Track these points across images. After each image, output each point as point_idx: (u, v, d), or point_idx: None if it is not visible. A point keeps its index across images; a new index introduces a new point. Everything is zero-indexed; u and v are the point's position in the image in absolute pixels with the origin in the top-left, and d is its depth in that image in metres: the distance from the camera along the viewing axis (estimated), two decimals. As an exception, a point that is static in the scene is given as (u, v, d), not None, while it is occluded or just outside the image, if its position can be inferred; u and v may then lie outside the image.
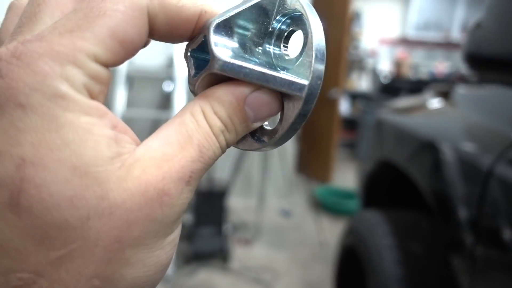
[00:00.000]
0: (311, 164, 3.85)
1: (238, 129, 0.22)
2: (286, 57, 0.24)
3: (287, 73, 0.22)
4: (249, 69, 0.21)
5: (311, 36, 0.21)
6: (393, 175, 1.60)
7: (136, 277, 0.19)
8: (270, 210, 3.28)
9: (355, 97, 5.48)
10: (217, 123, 0.21)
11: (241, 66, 0.21)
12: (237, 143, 0.24)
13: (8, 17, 0.23)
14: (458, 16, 5.94)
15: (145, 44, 0.21)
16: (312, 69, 0.21)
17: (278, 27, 0.24)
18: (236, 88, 0.21)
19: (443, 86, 1.89)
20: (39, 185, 0.17)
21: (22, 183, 0.17)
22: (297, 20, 0.23)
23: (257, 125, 0.23)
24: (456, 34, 5.98)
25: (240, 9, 0.22)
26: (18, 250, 0.17)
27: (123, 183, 0.18)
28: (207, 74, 0.22)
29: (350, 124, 5.17)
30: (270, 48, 0.24)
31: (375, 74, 5.71)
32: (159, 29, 0.21)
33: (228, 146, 0.22)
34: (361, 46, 6.00)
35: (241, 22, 0.22)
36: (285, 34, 0.24)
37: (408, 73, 5.65)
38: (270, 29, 0.24)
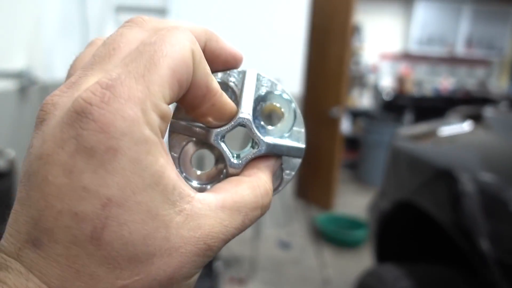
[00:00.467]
0: (312, 188, 3.56)
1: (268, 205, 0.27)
2: (269, 128, 0.28)
3: (292, 141, 0.28)
4: (283, 145, 0.28)
5: (296, 111, 0.28)
6: (415, 219, 1.33)
7: None
8: (267, 241, 2.98)
9: (356, 115, 5.20)
10: (268, 198, 0.26)
11: (279, 145, 0.28)
12: None
13: (87, 51, 0.25)
14: (462, 31, 5.73)
15: None
16: (303, 135, 0.29)
17: (260, 107, 0.28)
18: (270, 162, 0.28)
19: (470, 109, 1.65)
20: (122, 224, 0.19)
21: (106, 220, 0.19)
22: (276, 98, 0.29)
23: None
24: (461, 48, 5.76)
25: (253, 91, 0.27)
26: (91, 276, 0.19)
27: (180, 230, 0.21)
28: (256, 156, 0.27)
29: (352, 143, 4.89)
30: (262, 124, 0.28)
31: (377, 90, 5.46)
32: (190, 91, 0.23)
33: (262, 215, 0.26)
34: (362, 62, 5.78)
35: (254, 105, 0.28)
36: (262, 111, 0.29)
37: (411, 89, 5.41)
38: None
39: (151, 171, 0.20)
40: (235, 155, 0.27)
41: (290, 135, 0.28)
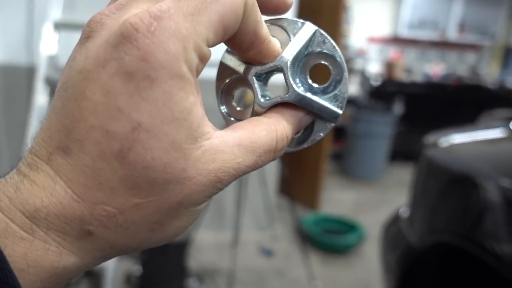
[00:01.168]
0: (297, 184, 3.23)
1: (283, 149, 0.27)
2: (314, 86, 0.28)
3: (329, 103, 0.28)
4: (315, 102, 0.27)
5: (346, 78, 0.28)
6: (459, 267, 0.99)
7: (179, 225, 0.25)
8: (247, 248, 2.65)
9: (348, 102, 4.88)
10: (278, 146, 0.26)
11: (310, 99, 0.27)
12: None
13: None
14: (454, 14, 5.44)
15: None
16: (344, 102, 0.28)
17: (310, 62, 0.28)
18: (297, 113, 0.28)
19: (505, 112, 1.34)
20: (147, 149, 0.21)
21: (134, 143, 0.21)
22: (329, 59, 0.28)
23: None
24: (453, 33, 5.48)
25: (300, 45, 0.27)
26: (112, 189, 0.21)
27: (197, 163, 0.22)
28: (281, 101, 0.27)
29: (336, 132, 4.56)
30: (306, 78, 0.28)
31: (364, 76, 5.13)
32: (238, 37, 0.25)
33: (275, 159, 0.27)
34: (349, 45, 5.44)
35: (300, 54, 0.28)
36: (311, 67, 0.29)
37: (401, 75, 5.10)
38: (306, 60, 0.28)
39: (181, 106, 0.21)
40: (265, 95, 0.28)
41: (331, 98, 0.28)
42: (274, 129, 0.26)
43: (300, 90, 0.27)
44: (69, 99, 0.21)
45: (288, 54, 0.27)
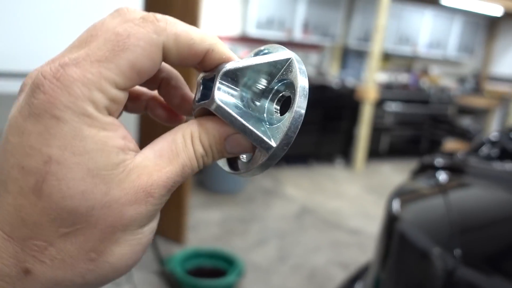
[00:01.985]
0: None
1: (215, 156, 0.28)
2: (275, 115, 0.28)
3: (264, 131, 0.27)
4: (235, 118, 0.26)
5: (293, 112, 0.26)
6: None
7: (123, 253, 0.25)
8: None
9: (196, 107, 4.43)
10: (200, 149, 0.27)
11: (230, 114, 0.26)
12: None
13: (107, 20, 0.26)
14: (299, 15, 5.47)
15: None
16: (282, 137, 0.26)
17: (276, 88, 0.28)
18: (221, 127, 0.27)
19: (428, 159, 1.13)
20: (60, 179, 0.22)
21: (47, 175, 0.22)
22: (291, 90, 0.27)
23: (230, 155, 0.28)
24: (298, 33, 5.51)
25: (252, 63, 0.27)
26: (35, 224, 0.23)
27: (122, 184, 0.24)
28: (203, 107, 0.27)
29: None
30: (266, 103, 0.28)
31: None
32: (171, 59, 0.26)
33: (205, 166, 0.28)
34: (198, 44, 5.02)
35: (249, 74, 0.27)
36: (279, 96, 0.29)
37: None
38: (270, 86, 0.28)
39: (93, 140, 0.23)
40: (199, 100, 0.28)
41: (274, 128, 0.27)
42: (189, 131, 0.27)
43: (222, 97, 0.27)
44: None
45: (228, 65, 0.27)
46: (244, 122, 0.26)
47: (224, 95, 0.27)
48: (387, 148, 5.96)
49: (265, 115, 0.28)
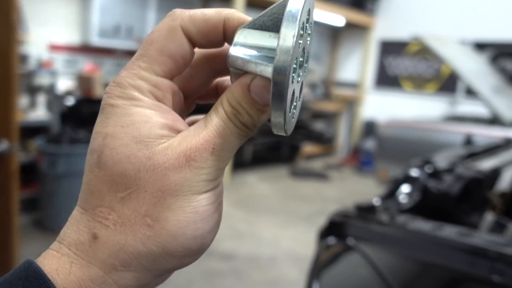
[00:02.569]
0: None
1: (251, 112, 0.29)
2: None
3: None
4: (243, 60, 0.28)
5: (279, 37, 0.26)
6: None
7: (178, 220, 0.27)
8: None
9: (28, 133, 3.64)
10: (228, 108, 0.28)
11: (238, 57, 0.28)
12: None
13: (162, 25, 0.30)
14: (150, 23, 5.00)
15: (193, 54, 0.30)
16: (276, 60, 0.26)
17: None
18: (240, 80, 0.29)
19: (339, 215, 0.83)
20: (112, 148, 0.27)
21: (103, 148, 0.27)
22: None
23: (264, 107, 0.29)
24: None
25: (261, 14, 0.28)
26: (100, 192, 0.27)
27: (165, 150, 0.27)
28: (232, 73, 0.29)
29: (25, 172, 3.36)
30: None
31: (54, 95, 4.04)
32: (195, 38, 0.29)
33: (247, 126, 0.29)
34: (31, 57, 4.20)
35: (261, 23, 0.28)
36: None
37: (100, 91, 4.29)
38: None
39: (139, 115, 0.27)
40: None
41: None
42: (219, 100, 0.29)
43: (236, 52, 0.28)
44: None
45: (243, 26, 0.29)
46: (249, 58, 0.28)
47: (239, 48, 0.28)
48: (251, 158, 5.88)
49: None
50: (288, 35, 0.26)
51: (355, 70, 7.62)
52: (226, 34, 0.30)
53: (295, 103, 0.29)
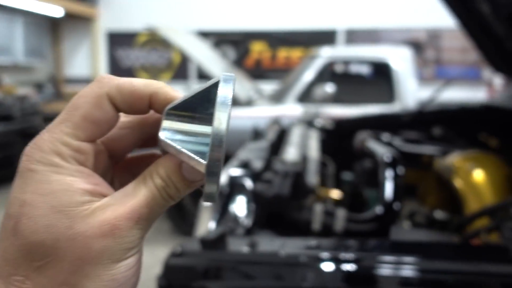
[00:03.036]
0: None
1: (179, 185, 0.30)
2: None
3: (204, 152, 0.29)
4: (175, 147, 0.29)
5: (213, 126, 0.28)
6: None
7: None
8: None
9: None
10: (158, 181, 0.29)
11: (169, 144, 0.29)
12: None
13: (88, 90, 0.30)
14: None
15: (117, 119, 0.31)
16: (209, 152, 0.28)
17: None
18: (173, 158, 0.30)
19: None
20: (29, 218, 0.26)
21: (21, 216, 0.26)
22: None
23: (193, 184, 0.30)
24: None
25: (187, 96, 0.30)
26: (15, 261, 0.26)
27: (87, 219, 0.26)
28: (161, 150, 0.31)
29: None
30: (209, 127, 0.29)
31: None
32: (120, 107, 0.30)
33: (173, 197, 0.30)
34: None
35: (192, 105, 0.30)
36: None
37: None
38: (211, 111, 0.29)
39: (59, 183, 0.27)
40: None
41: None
42: (149, 170, 0.30)
43: (165, 136, 0.29)
44: None
45: (169, 105, 0.30)
46: (181, 149, 0.29)
47: (170, 133, 0.29)
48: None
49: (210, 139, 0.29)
50: (222, 121, 0.28)
51: (85, 65, 7.12)
52: (152, 106, 0.31)
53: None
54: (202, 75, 6.69)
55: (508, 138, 1.71)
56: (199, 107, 0.30)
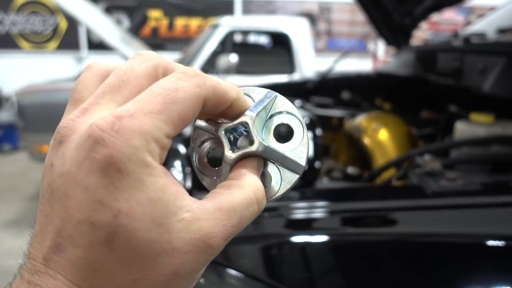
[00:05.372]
0: None
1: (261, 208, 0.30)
2: (277, 141, 0.32)
3: (291, 155, 0.31)
4: (278, 152, 0.31)
5: (306, 136, 0.32)
6: None
7: None
8: None
9: None
10: (260, 194, 0.29)
11: (272, 149, 0.31)
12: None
13: (87, 75, 0.29)
14: None
15: None
16: (305, 156, 0.31)
17: (273, 122, 0.33)
18: (259, 164, 0.31)
19: None
20: (130, 231, 0.24)
21: (117, 228, 0.24)
22: (289, 119, 0.33)
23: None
24: None
25: (265, 103, 0.32)
26: (107, 273, 0.24)
27: (182, 234, 0.25)
28: (247, 153, 0.30)
29: None
30: (270, 136, 0.32)
31: None
32: (207, 108, 0.28)
33: (260, 211, 0.30)
34: None
35: (263, 113, 0.32)
36: (275, 127, 0.33)
37: None
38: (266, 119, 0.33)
39: (153, 188, 0.24)
40: (233, 149, 0.30)
41: (293, 152, 0.31)
42: (247, 184, 0.29)
43: (262, 142, 0.30)
44: (55, 201, 0.24)
45: (251, 111, 0.30)
46: (286, 154, 0.31)
47: (261, 137, 0.31)
48: None
49: (278, 147, 0.32)
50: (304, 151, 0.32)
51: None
52: (225, 111, 0.30)
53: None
54: (93, 45, 6.24)
55: (399, 102, 1.93)
56: (267, 114, 0.32)
